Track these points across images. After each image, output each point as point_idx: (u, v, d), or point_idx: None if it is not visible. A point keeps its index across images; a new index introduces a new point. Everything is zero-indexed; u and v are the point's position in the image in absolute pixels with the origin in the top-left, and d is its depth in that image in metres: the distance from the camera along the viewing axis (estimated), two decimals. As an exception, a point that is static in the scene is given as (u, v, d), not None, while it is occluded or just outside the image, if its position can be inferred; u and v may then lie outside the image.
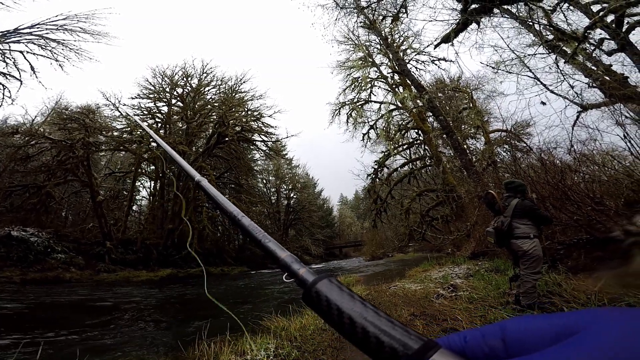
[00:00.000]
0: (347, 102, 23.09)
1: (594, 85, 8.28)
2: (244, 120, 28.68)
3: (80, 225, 25.00)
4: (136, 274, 19.31)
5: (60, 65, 20.54)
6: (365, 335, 0.31)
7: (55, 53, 20.42)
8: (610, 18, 7.21)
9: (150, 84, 28.67)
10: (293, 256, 0.46)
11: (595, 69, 8.32)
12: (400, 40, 20.20)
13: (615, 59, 8.36)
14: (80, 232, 22.90)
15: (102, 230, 21.74)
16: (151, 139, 23.29)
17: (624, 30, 7.44)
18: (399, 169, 22.16)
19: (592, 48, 8.49)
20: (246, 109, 29.32)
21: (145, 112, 28.12)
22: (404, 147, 21.77)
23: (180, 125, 29.86)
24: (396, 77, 20.98)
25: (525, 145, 15.96)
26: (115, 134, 25.54)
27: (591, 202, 5.51)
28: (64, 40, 20.80)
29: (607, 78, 7.90)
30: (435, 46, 9.07)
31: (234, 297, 10.82)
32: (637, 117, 6.84)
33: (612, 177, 6.70)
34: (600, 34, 8.26)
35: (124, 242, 22.53)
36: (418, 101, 17.77)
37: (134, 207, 32.12)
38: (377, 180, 21.49)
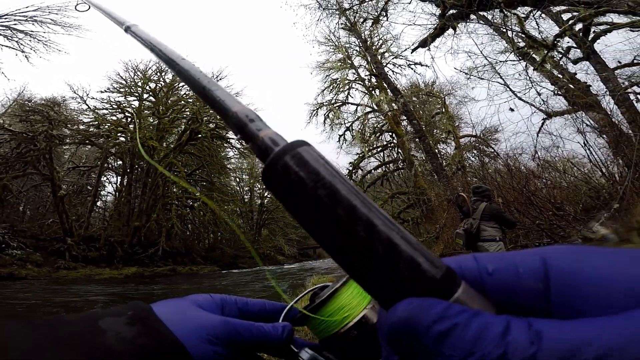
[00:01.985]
0: (325, 103, 23.19)
1: (559, 93, 8.72)
2: (218, 116, 28.15)
3: (40, 220, 23.69)
4: (99, 271, 18.54)
5: (26, 56, 19.39)
6: (369, 234, 0.19)
7: (22, 44, 19.28)
8: (578, 27, 7.62)
9: (122, 77, 27.57)
10: (252, 111, 0.29)
11: (561, 77, 8.77)
12: (379, 44, 20.53)
13: (580, 67, 8.82)
14: (39, 228, 21.72)
15: (62, 226, 20.64)
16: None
17: (590, 39, 7.88)
18: (373, 171, 22.47)
19: (560, 56, 8.95)
20: (221, 106, 28.81)
21: (115, 106, 26.97)
22: (378, 149, 22.13)
23: (151, 120, 28.86)
24: (373, 79, 21.28)
25: (493, 150, 16.66)
26: (82, 127, 24.35)
27: (552, 208, 5.83)
28: (32, 31, 19.66)
29: (572, 86, 8.35)
30: (413, 50, 9.29)
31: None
32: (597, 125, 7.27)
33: (572, 184, 7.12)
34: (568, 42, 8.71)
35: (87, 239, 21.49)
36: (393, 104, 18.11)
37: (99, 203, 30.69)
38: (352, 181, 21.68)
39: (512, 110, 8.68)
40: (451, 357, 0.15)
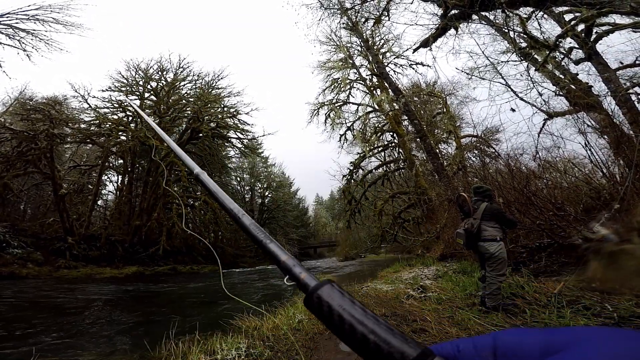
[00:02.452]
0: (326, 103, 23.22)
1: (560, 93, 8.71)
2: (220, 116, 28.16)
3: (40, 219, 23.69)
4: (99, 270, 18.55)
5: (27, 55, 19.37)
6: (365, 342, 0.32)
7: (23, 43, 19.25)
8: (580, 27, 7.61)
9: (123, 76, 27.66)
10: (294, 259, 0.44)
11: (562, 77, 8.76)
12: (381, 43, 20.53)
13: (582, 68, 8.81)
14: (39, 227, 21.72)
15: (63, 225, 20.67)
16: (145, 125, 22.15)
17: (592, 39, 7.86)
18: (374, 170, 22.48)
19: (561, 57, 8.93)
20: (222, 106, 28.82)
21: (116, 105, 27.01)
22: (379, 149, 22.13)
23: (153, 119, 28.86)
24: (375, 79, 21.29)
25: (494, 150, 16.64)
26: (83, 126, 24.37)
27: (553, 208, 5.82)
28: (34, 30, 19.63)
29: (573, 87, 8.34)
30: (414, 50, 9.26)
31: (205, 295, 10.57)
32: (598, 126, 7.26)
33: (573, 184, 7.11)
34: (570, 42, 8.69)
35: (87, 238, 21.52)
36: (395, 104, 18.10)
37: (99, 202, 30.76)
38: (352, 181, 21.71)
39: (513, 110, 8.66)
40: None
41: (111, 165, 28.61)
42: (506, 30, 8.20)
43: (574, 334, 0.25)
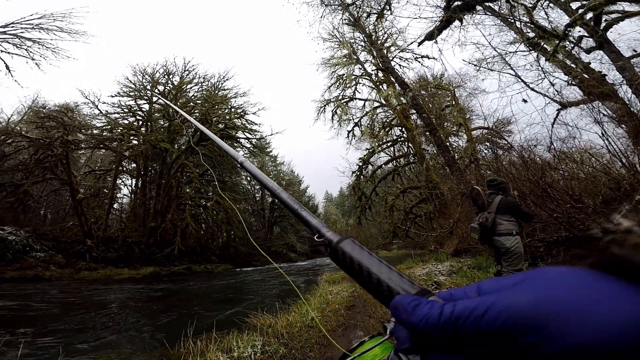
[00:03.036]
0: (332, 100, 23.13)
1: (573, 83, 8.49)
2: (227, 117, 28.32)
3: (60, 223, 24.26)
4: (118, 271, 18.95)
5: (36, 63, 19.82)
6: (379, 284, 0.40)
7: (31, 52, 19.69)
8: (589, 16, 7.40)
9: (131, 81, 27.92)
10: (321, 222, 0.54)
11: (574, 66, 8.53)
12: (385, 38, 20.32)
13: (594, 57, 8.58)
14: (59, 231, 22.26)
15: (82, 229, 21.16)
16: (176, 114, 22.58)
17: (602, 28, 7.64)
18: (383, 166, 22.34)
19: (572, 46, 8.70)
20: (229, 106, 28.95)
21: (126, 110, 27.41)
22: (388, 144, 21.98)
23: (162, 122, 29.24)
24: (380, 74, 21.10)
25: (506, 142, 16.34)
26: (95, 131, 24.78)
27: (570, 200, 5.67)
28: (40, 39, 20.05)
29: (586, 76, 8.12)
30: (419, 44, 9.17)
31: (219, 294, 10.69)
32: (614, 115, 7.06)
33: (590, 175, 6.91)
34: (580, 31, 8.46)
35: (105, 240, 21.99)
36: (402, 99, 17.93)
37: (115, 205, 31.32)
38: (362, 177, 21.63)
39: (525, 101, 8.49)
40: (406, 318, 0.33)
41: (125, 169, 29.06)
42: (512, 21, 8.02)
43: (539, 270, 0.31)
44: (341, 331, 4.17)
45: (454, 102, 19.85)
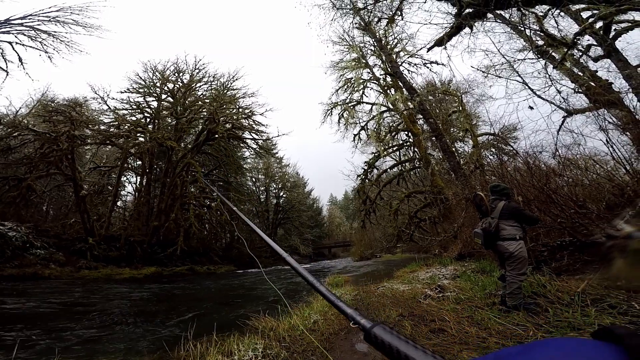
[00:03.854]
0: (339, 103, 23.16)
1: (579, 90, 8.47)
2: (235, 117, 28.41)
3: (62, 220, 24.36)
4: (119, 271, 18.87)
5: (49, 57, 20.02)
6: None
7: (45, 45, 19.91)
8: (599, 24, 7.40)
9: (141, 78, 28.15)
10: (355, 310, 0.62)
11: (581, 74, 8.52)
12: (394, 43, 20.34)
13: (601, 65, 8.58)
14: (61, 228, 22.32)
15: (84, 226, 21.23)
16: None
17: (611, 37, 7.63)
18: (389, 170, 22.32)
19: (580, 54, 8.68)
20: (237, 107, 29.04)
21: (134, 107, 27.61)
22: (394, 148, 21.96)
23: (170, 120, 29.42)
24: (388, 79, 21.12)
25: (512, 148, 16.26)
26: (102, 127, 24.95)
27: (574, 206, 5.65)
28: (55, 32, 20.27)
29: (592, 84, 8.10)
30: (429, 49, 9.14)
31: (221, 296, 10.71)
32: (619, 122, 7.03)
33: (595, 181, 6.88)
34: (588, 40, 8.46)
35: (107, 239, 22.03)
36: (409, 103, 17.91)
37: (119, 203, 31.48)
38: (367, 181, 21.62)
39: (531, 108, 8.45)
40: None
41: (130, 166, 29.20)
42: (522, 29, 8.02)
43: (533, 344, 0.37)
44: (344, 334, 4.17)
45: (461, 108, 19.80)
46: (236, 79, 29.90)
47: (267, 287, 12.44)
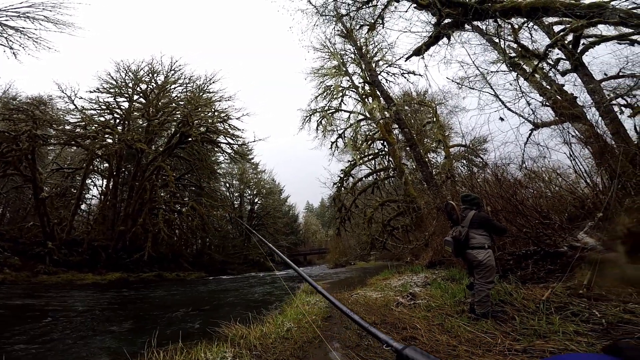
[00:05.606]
0: (318, 110, 23.27)
1: (547, 104, 8.92)
2: (210, 121, 27.90)
3: (19, 223, 22.96)
4: (81, 276, 17.99)
5: (14, 53, 18.88)
6: None
7: (10, 41, 18.77)
8: (569, 38, 7.84)
9: (112, 78, 27.19)
10: (388, 336, 0.69)
11: (549, 88, 8.98)
12: (374, 51, 20.71)
13: (568, 79, 9.05)
14: (18, 231, 21.06)
15: (43, 230, 20.04)
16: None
17: (579, 50, 8.09)
18: (364, 178, 22.57)
19: (549, 68, 9.17)
20: (213, 110, 28.56)
21: (104, 107, 26.56)
22: (370, 157, 22.26)
23: (141, 122, 28.48)
24: (367, 87, 21.44)
25: (481, 160, 16.90)
26: (68, 127, 23.77)
27: (539, 216, 5.90)
28: (23, 28, 19.17)
29: (559, 97, 8.55)
30: (407, 58, 9.36)
31: (189, 303, 10.34)
32: (582, 136, 7.44)
33: (557, 194, 7.24)
34: (558, 54, 8.94)
35: (69, 243, 20.92)
36: (386, 113, 18.25)
37: (83, 206, 30.00)
38: (343, 189, 21.74)
39: (502, 119, 8.81)
40: None
41: (96, 168, 28.01)
42: (497, 40, 8.39)
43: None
44: (317, 343, 4.10)
45: (435, 119, 20.43)
46: (213, 82, 29.50)
47: (239, 294, 12.16)
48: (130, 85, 27.74)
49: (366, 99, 21.37)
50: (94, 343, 5.43)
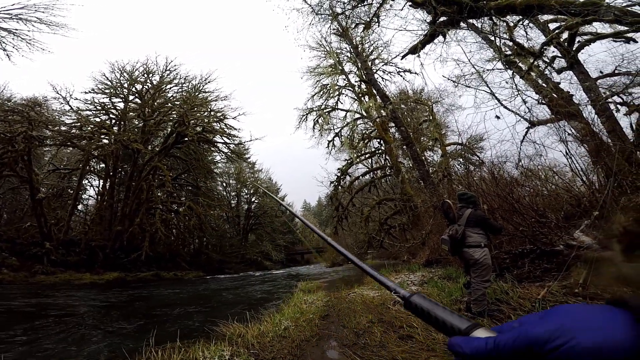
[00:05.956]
0: (314, 109, 23.28)
1: (543, 102, 8.92)
2: (206, 120, 27.81)
3: (17, 224, 22.83)
4: (79, 276, 17.95)
5: (7, 55, 18.75)
6: (444, 324, 0.52)
7: (3, 42, 18.65)
8: (565, 35, 7.84)
9: (107, 78, 26.97)
10: (395, 283, 0.69)
11: (545, 86, 8.98)
12: (370, 50, 20.71)
13: (564, 77, 9.03)
14: (15, 232, 20.95)
15: (40, 230, 19.96)
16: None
17: (574, 48, 8.10)
18: (361, 177, 22.61)
19: (545, 66, 9.17)
20: (209, 110, 28.44)
21: (99, 108, 26.40)
22: (367, 156, 22.29)
23: (137, 122, 28.34)
24: (363, 86, 21.46)
25: (478, 158, 16.96)
26: (63, 128, 23.61)
27: (535, 215, 5.93)
28: (16, 29, 19.03)
29: (555, 95, 8.56)
30: (403, 57, 9.34)
31: (187, 302, 10.33)
32: (578, 134, 7.46)
33: (554, 192, 7.27)
34: (553, 52, 8.94)
35: (66, 243, 20.85)
36: (382, 111, 18.28)
37: (80, 207, 29.89)
38: (340, 187, 21.76)
39: (498, 118, 8.82)
40: (462, 351, 0.46)
41: (92, 169, 27.87)
42: (492, 38, 8.39)
43: (549, 310, 0.45)
44: (315, 341, 4.11)
45: (431, 117, 20.47)
46: (209, 82, 29.35)
47: (237, 293, 12.16)
48: (126, 85, 27.58)
49: (362, 98, 21.38)
50: (92, 342, 5.43)
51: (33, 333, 5.92)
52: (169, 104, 28.05)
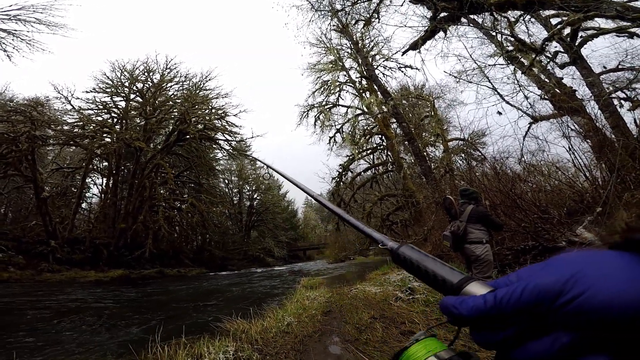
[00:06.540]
0: (315, 105, 23.20)
1: (545, 97, 8.88)
2: (207, 118, 27.84)
3: (22, 223, 23.04)
4: (84, 274, 18.10)
5: (8, 56, 18.80)
6: (434, 276, 0.49)
7: (3, 44, 18.70)
8: (567, 31, 7.78)
9: (108, 77, 26.98)
10: (384, 235, 0.66)
11: (548, 81, 8.93)
12: (370, 46, 20.61)
13: (567, 72, 8.98)
14: (21, 230, 21.14)
15: (46, 229, 20.12)
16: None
17: (577, 43, 8.04)
18: (363, 173, 22.59)
19: (547, 61, 9.11)
20: (210, 107, 28.46)
21: (101, 107, 26.46)
22: (368, 152, 22.25)
23: (138, 121, 28.38)
24: (364, 82, 21.38)
25: (480, 154, 16.92)
26: (66, 128, 23.71)
27: (537, 211, 5.92)
28: (15, 30, 19.05)
29: (558, 91, 8.52)
30: (403, 53, 9.32)
31: (191, 299, 10.41)
32: (581, 130, 7.43)
33: (556, 188, 7.25)
34: (556, 47, 8.88)
35: (71, 241, 21.01)
36: (383, 107, 18.22)
37: (83, 205, 30.04)
38: (342, 183, 21.76)
39: (500, 113, 8.79)
40: (457, 313, 0.40)
41: (95, 167, 28.00)
42: (494, 34, 8.34)
43: (552, 258, 0.39)
44: (317, 337, 4.15)
45: (433, 113, 20.40)
46: (209, 79, 29.32)
47: (240, 289, 12.24)
48: (127, 84, 27.59)
49: (363, 94, 21.32)
50: (99, 338, 5.50)
51: (41, 330, 6.01)
52: (170, 102, 28.07)
